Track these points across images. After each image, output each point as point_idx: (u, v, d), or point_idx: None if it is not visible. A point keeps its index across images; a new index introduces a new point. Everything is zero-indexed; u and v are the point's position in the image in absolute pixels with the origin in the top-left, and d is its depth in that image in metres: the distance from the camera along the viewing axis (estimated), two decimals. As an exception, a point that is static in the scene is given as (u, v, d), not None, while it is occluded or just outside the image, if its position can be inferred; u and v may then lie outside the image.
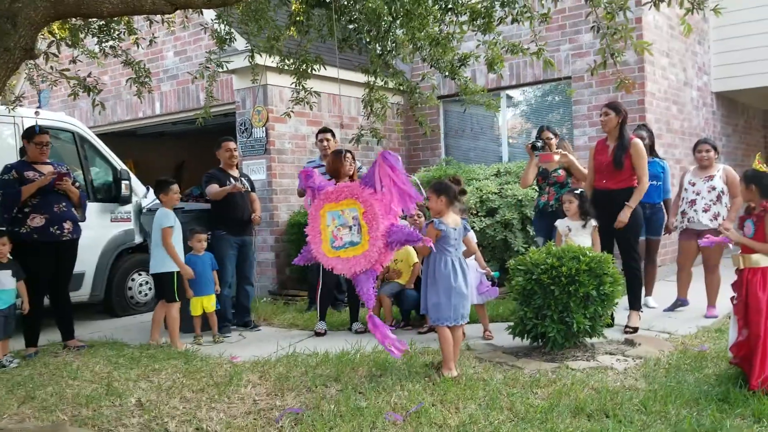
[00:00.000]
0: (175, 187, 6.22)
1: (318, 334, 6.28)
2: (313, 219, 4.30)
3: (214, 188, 6.47)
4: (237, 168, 6.84)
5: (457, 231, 4.67)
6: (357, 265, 4.11)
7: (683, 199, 6.51)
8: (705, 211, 6.30)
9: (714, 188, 6.32)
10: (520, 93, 9.99)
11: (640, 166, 5.77)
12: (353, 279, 4.20)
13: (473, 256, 5.78)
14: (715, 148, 6.48)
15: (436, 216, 4.66)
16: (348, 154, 6.14)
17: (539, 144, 6.23)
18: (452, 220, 4.67)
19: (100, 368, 5.11)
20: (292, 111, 6.46)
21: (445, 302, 4.55)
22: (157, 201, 6.41)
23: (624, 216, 5.70)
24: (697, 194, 6.37)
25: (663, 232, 6.87)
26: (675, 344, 5.31)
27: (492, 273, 5.89)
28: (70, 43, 6.05)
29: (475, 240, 5.93)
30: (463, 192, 4.69)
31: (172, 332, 5.96)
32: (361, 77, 6.72)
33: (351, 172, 6.18)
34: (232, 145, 6.70)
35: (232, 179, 6.59)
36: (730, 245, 4.54)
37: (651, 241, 6.75)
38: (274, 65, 6.49)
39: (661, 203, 6.81)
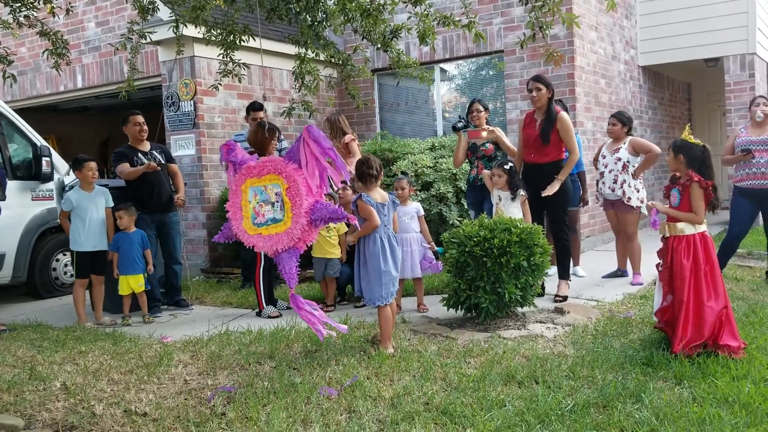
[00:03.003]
0: (91, 164, 6.09)
1: (272, 317, 5.92)
2: (234, 194, 4.15)
3: (125, 168, 6.22)
4: (149, 141, 6.57)
5: (385, 207, 4.65)
6: (279, 243, 3.97)
7: (599, 171, 6.72)
8: (614, 181, 6.51)
9: (620, 159, 6.54)
10: (455, 67, 10.01)
11: (569, 139, 5.86)
12: (275, 257, 4.06)
13: (419, 230, 5.80)
14: (624, 123, 6.65)
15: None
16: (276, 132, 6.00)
17: (459, 125, 6.46)
18: (379, 195, 4.68)
19: (22, 352, 4.93)
20: (220, 83, 6.27)
21: (376, 283, 4.54)
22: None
23: (552, 189, 5.78)
24: (605, 167, 6.59)
25: (579, 204, 7.08)
26: (602, 311, 5.48)
27: (436, 248, 5.91)
28: (-21, 12, 5.70)
29: (422, 212, 5.94)
30: (373, 167, 4.68)
31: (75, 307, 6.10)
32: (291, 49, 6.57)
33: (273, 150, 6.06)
34: (140, 118, 6.44)
35: (140, 154, 6.36)
36: (654, 215, 4.59)
37: (570, 212, 6.92)
38: (201, 36, 6.28)
39: (576, 175, 6.98)
